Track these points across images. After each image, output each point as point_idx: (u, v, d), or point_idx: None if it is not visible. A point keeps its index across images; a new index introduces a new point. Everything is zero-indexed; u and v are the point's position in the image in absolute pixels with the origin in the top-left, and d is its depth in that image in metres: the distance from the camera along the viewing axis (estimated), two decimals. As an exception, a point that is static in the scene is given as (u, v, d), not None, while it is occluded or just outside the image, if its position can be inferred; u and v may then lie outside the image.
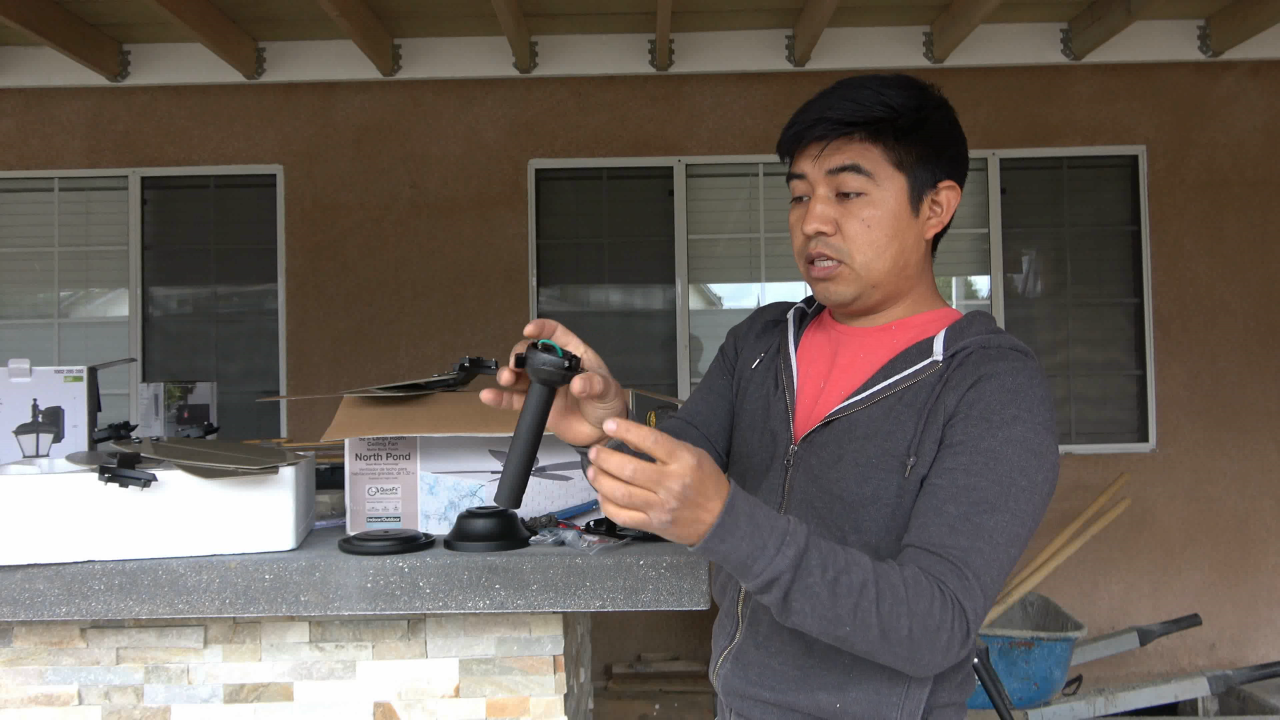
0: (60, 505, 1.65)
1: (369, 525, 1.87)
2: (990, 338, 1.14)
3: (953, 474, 1.06)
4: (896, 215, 1.16)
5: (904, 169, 1.16)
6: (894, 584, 0.99)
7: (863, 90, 1.16)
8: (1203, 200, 4.80)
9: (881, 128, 1.14)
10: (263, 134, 4.82)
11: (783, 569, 0.97)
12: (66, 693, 1.75)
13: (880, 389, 1.14)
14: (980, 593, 1.02)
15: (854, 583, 0.98)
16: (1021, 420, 1.06)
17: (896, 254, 1.17)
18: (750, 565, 0.97)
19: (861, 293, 1.19)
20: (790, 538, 0.98)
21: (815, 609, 0.98)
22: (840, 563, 0.99)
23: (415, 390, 1.92)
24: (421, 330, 4.80)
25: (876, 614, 0.98)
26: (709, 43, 4.66)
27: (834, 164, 1.16)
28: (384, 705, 1.76)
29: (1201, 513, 4.76)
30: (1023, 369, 1.10)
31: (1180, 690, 3.56)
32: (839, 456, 1.14)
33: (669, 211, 4.84)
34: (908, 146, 1.16)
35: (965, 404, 1.08)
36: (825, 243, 1.17)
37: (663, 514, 0.92)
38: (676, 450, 0.92)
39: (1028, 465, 1.05)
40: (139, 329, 4.80)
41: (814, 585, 0.97)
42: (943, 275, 4.90)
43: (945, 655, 1.01)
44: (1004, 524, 1.04)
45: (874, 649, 1.00)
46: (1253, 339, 4.78)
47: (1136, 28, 4.50)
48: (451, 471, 1.89)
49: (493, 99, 4.82)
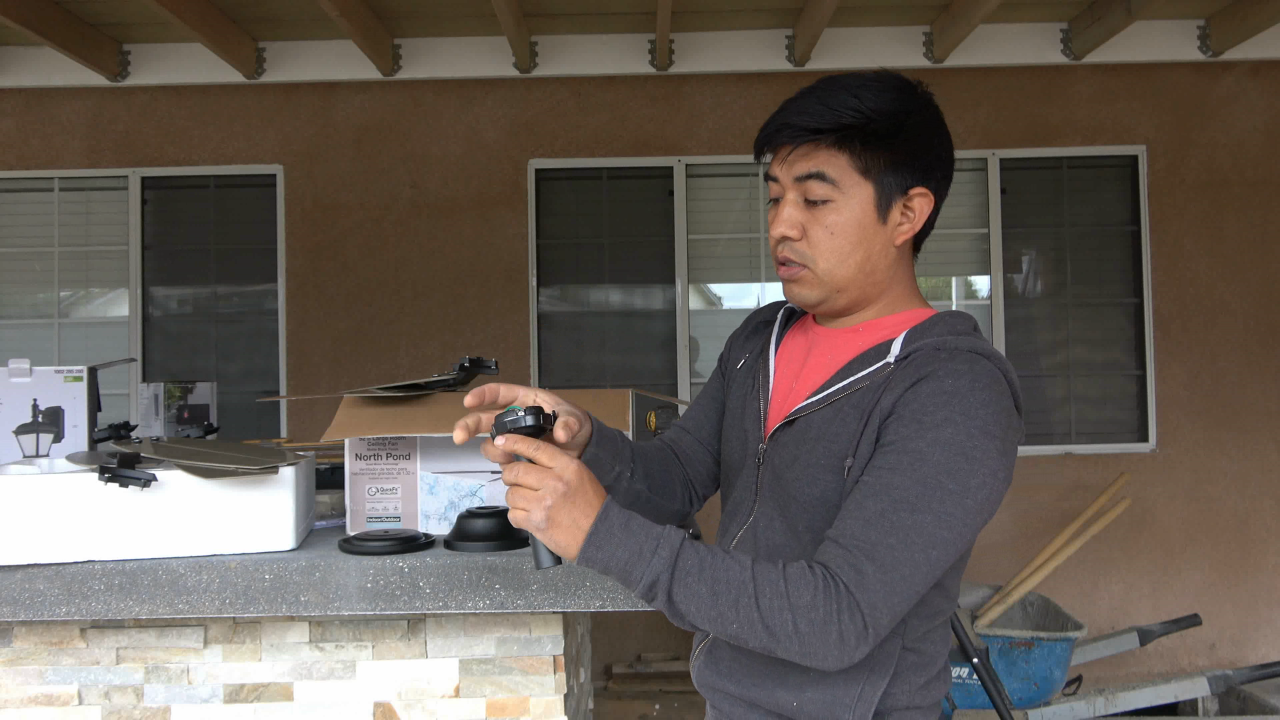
0: (60, 505, 1.65)
1: (369, 525, 1.87)
2: (949, 339, 1.12)
3: (878, 472, 1.06)
4: (861, 223, 1.16)
5: (871, 176, 1.15)
6: (772, 579, 1.01)
7: (838, 94, 1.14)
8: (1203, 200, 4.80)
9: (849, 134, 1.13)
10: (263, 134, 4.82)
11: (659, 570, 1.01)
12: (66, 693, 1.75)
13: (834, 390, 1.15)
14: (881, 587, 1.01)
15: (731, 580, 1.01)
16: (953, 422, 1.04)
17: (861, 260, 1.17)
18: (630, 571, 1.02)
19: (826, 296, 1.19)
20: (664, 541, 1.02)
21: (700, 608, 1.01)
22: (718, 563, 1.02)
23: (414, 390, 1.92)
24: (421, 330, 4.80)
25: (758, 609, 1.00)
26: (709, 43, 4.66)
27: (799, 171, 1.16)
28: (384, 705, 1.76)
29: (1201, 513, 4.76)
30: (968, 371, 1.07)
31: (1180, 690, 3.56)
32: (795, 457, 1.16)
33: (669, 211, 4.84)
34: (876, 153, 1.14)
35: (901, 404, 1.08)
36: (791, 247, 1.18)
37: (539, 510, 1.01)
38: (559, 456, 1.02)
39: (956, 468, 1.03)
40: (139, 329, 4.80)
41: (692, 584, 1.01)
42: (943, 275, 4.91)
43: (842, 649, 1.00)
44: (924, 524, 1.02)
45: (766, 645, 1.02)
46: (1253, 339, 4.78)
47: (1136, 28, 4.50)
48: (451, 471, 1.89)
49: (493, 99, 4.82)
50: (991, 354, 1.11)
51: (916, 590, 1.04)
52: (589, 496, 1.02)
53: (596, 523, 1.01)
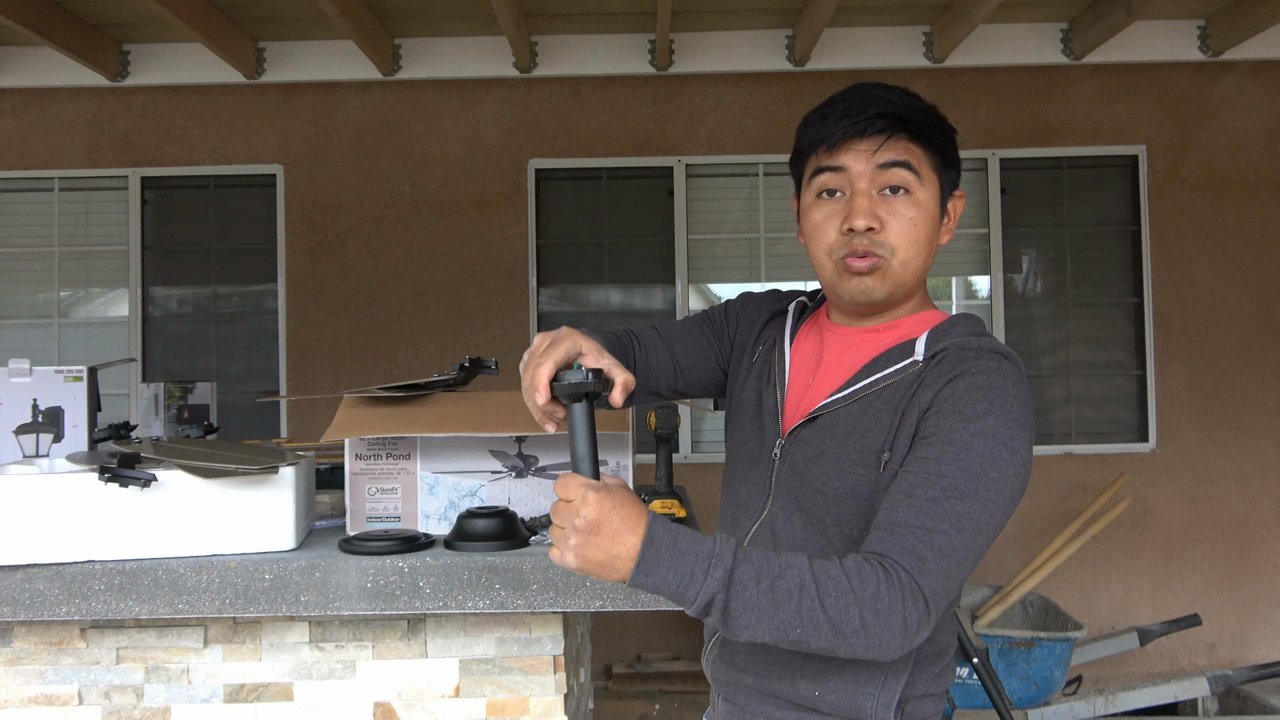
0: (60, 505, 1.65)
1: (369, 525, 1.87)
2: (971, 339, 1.15)
3: (924, 462, 1.07)
4: (933, 217, 1.19)
5: (939, 172, 1.19)
6: (834, 576, 1.00)
7: (895, 92, 1.17)
8: (1203, 200, 4.80)
9: (924, 130, 1.17)
10: (263, 134, 4.82)
11: (715, 590, 0.99)
12: (66, 693, 1.75)
13: (861, 387, 1.17)
14: (939, 572, 1.03)
15: (791, 585, 0.99)
16: (993, 414, 1.08)
17: (928, 255, 1.20)
18: (683, 593, 0.99)
19: (894, 290, 1.19)
20: (717, 559, 0.99)
21: (760, 620, 0.99)
22: (775, 569, 1.00)
23: (414, 390, 1.92)
24: (421, 330, 4.80)
25: (823, 610, 0.99)
26: (709, 43, 4.66)
27: (885, 159, 1.15)
28: (384, 705, 1.76)
29: (1201, 513, 4.76)
30: (998, 369, 1.11)
31: (1180, 690, 3.56)
32: (821, 452, 1.16)
33: (669, 211, 4.84)
34: (941, 150, 1.19)
35: (940, 399, 1.10)
36: (872, 239, 1.16)
37: (567, 551, 0.99)
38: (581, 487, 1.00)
39: (999, 457, 1.07)
40: (139, 329, 4.80)
41: (751, 598, 0.99)
42: (943, 275, 4.91)
43: (906, 635, 1.01)
44: (972, 511, 1.05)
45: (831, 645, 1.00)
46: (1253, 339, 4.78)
47: (1136, 28, 4.50)
48: (452, 472, 1.90)
49: (493, 99, 4.82)
50: (1011, 354, 1.15)
51: (966, 574, 1.07)
52: (618, 525, 0.99)
53: (643, 549, 0.98)
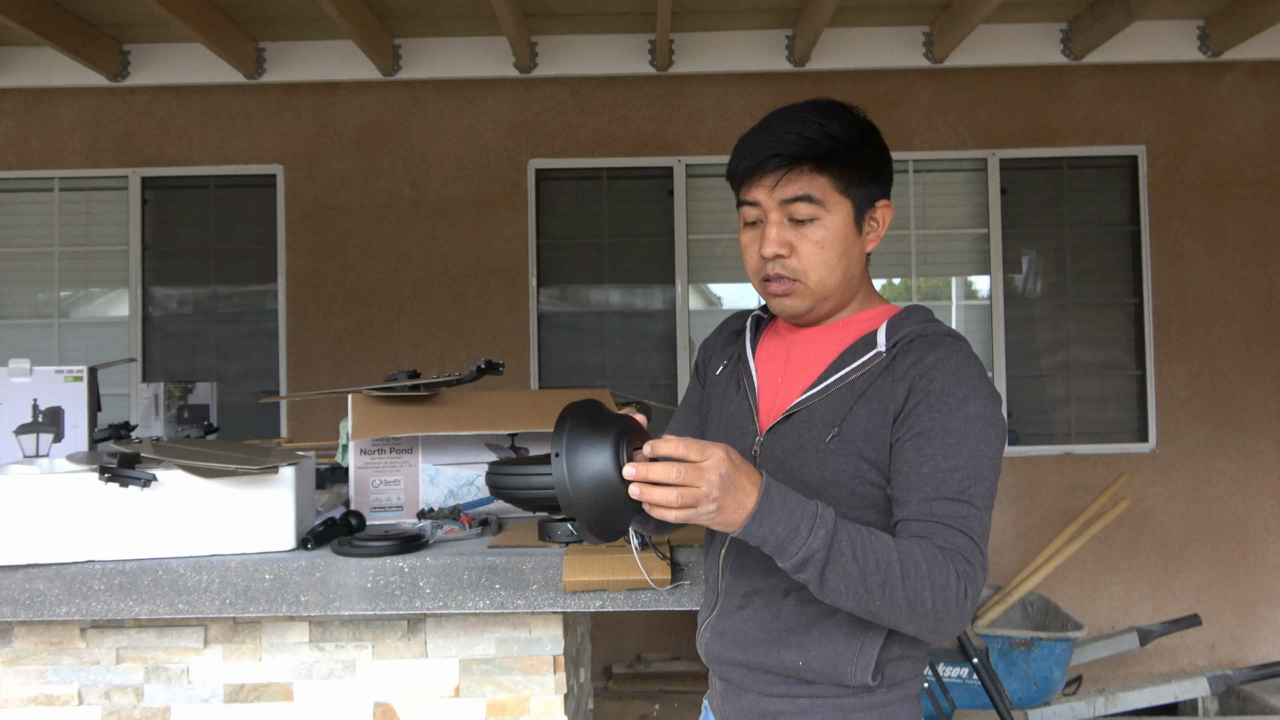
0: (60, 505, 1.65)
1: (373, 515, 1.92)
2: (926, 326, 1.28)
3: (934, 460, 1.19)
4: (844, 236, 1.29)
5: (848, 194, 1.28)
6: (916, 561, 1.12)
7: (806, 123, 1.26)
8: (1203, 200, 4.80)
9: (829, 159, 1.26)
10: (263, 134, 4.82)
11: (816, 548, 1.10)
12: (66, 693, 1.75)
13: (833, 381, 1.27)
14: (979, 555, 1.17)
15: (880, 561, 1.11)
16: (972, 398, 1.21)
17: (845, 269, 1.30)
18: (786, 546, 1.10)
19: (814, 305, 1.32)
20: (820, 520, 1.11)
21: (849, 586, 1.11)
22: (866, 542, 1.12)
23: (416, 389, 1.94)
24: (421, 330, 4.80)
25: (903, 589, 1.11)
26: (709, 43, 4.66)
27: (787, 194, 1.27)
28: (384, 705, 1.76)
29: (1201, 513, 4.76)
30: (959, 351, 1.24)
31: (1180, 690, 3.56)
32: (800, 445, 1.26)
33: (669, 211, 4.84)
34: (851, 173, 1.28)
35: (918, 391, 1.21)
36: (782, 264, 1.29)
37: (709, 504, 1.06)
38: (706, 448, 1.07)
39: (988, 435, 1.21)
40: (139, 329, 4.80)
41: (846, 564, 1.11)
42: (942, 275, 4.91)
43: (961, 619, 1.15)
44: (984, 491, 1.19)
45: (901, 620, 1.13)
46: (1253, 339, 4.78)
47: (1136, 28, 4.50)
48: (451, 464, 1.96)
49: (493, 99, 4.82)
50: (962, 336, 1.29)
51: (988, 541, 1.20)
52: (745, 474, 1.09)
53: (760, 500, 1.09)
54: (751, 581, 1.30)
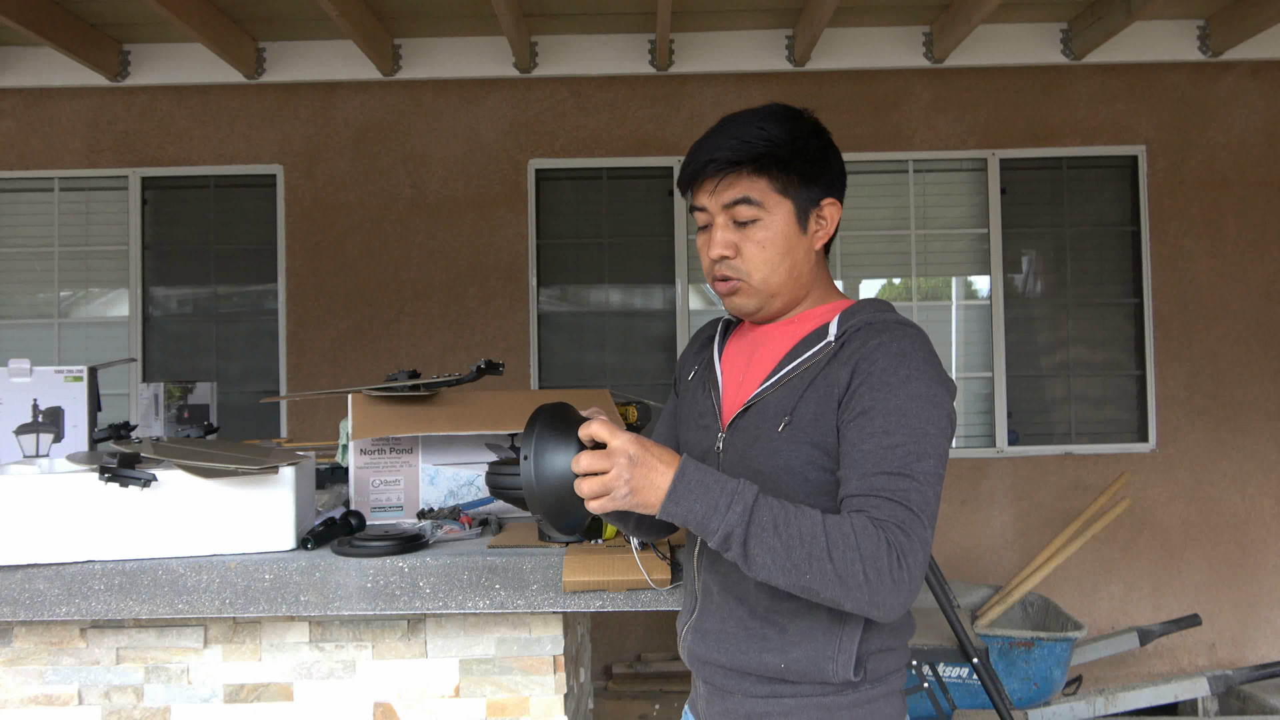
0: (60, 505, 1.65)
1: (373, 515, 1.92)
2: (877, 315, 1.29)
3: (875, 437, 1.19)
4: (787, 235, 1.32)
5: (789, 195, 1.31)
6: (845, 533, 1.12)
7: (747, 128, 1.30)
8: (1203, 200, 4.80)
9: (766, 161, 1.29)
10: (263, 134, 4.82)
11: (734, 523, 1.12)
12: (66, 693, 1.75)
13: (785, 372, 1.30)
14: (919, 529, 1.15)
15: (804, 533, 1.12)
16: (915, 378, 1.21)
17: (790, 267, 1.33)
18: (707, 524, 1.13)
19: (763, 303, 1.35)
20: (739, 496, 1.13)
21: (774, 559, 1.12)
22: (790, 516, 1.13)
23: (416, 389, 1.94)
24: (421, 330, 4.80)
25: (830, 560, 1.11)
26: (709, 43, 4.66)
27: (728, 198, 1.31)
28: (384, 705, 1.76)
29: (1201, 513, 4.76)
30: (905, 336, 1.25)
31: (1180, 690, 3.56)
32: (756, 436, 1.29)
33: (669, 211, 4.84)
34: (790, 175, 1.30)
35: (860, 373, 1.23)
36: (728, 265, 1.34)
37: (621, 486, 1.10)
38: (615, 430, 1.12)
39: (931, 415, 1.21)
40: (139, 329, 4.80)
41: (767, 538, 1.12)
42: (942, 275, 4.91)
43: (902, 590, 1.13)
44: (929, 466, 1.19)
45: (836, 595, 1.12)
46: (1253, 339, 4.78)
47: (1136, 28, 4.50)
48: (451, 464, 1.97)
49: (493, 99, 4.82)
50: (915, 325, 1.30)
51: (935, 517, 1.19)
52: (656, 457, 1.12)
53: (675, 480, 1.12)
54: (728, 575, 1.31)
